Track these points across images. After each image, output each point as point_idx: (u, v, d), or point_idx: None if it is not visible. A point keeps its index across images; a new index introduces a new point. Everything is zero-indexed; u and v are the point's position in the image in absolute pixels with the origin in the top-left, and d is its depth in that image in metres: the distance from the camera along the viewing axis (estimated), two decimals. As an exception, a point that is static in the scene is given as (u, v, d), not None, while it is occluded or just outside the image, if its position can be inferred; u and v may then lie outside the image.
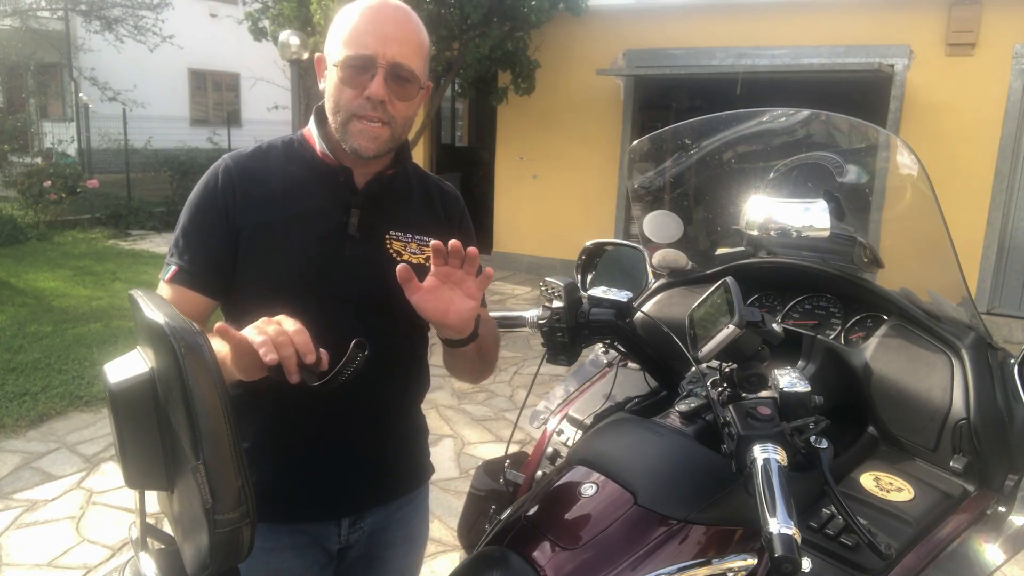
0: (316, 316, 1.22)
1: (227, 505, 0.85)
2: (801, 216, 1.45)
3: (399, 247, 1.34)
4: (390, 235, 1.34)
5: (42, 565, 2.94)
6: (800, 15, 7.30)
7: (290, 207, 1.30)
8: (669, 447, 1.19)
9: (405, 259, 1.32)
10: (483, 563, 1.12)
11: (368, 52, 1.22)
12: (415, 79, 1.27)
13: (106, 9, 13.83)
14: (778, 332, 1.11)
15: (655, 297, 1.86)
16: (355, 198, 1.33)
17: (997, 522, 1.28)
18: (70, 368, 4.97)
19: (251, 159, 1.35)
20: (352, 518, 1.39)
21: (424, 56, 1.30)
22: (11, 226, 9.57)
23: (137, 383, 0.92)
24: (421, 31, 1.30)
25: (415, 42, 1.27)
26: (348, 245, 1.31)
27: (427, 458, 1.53)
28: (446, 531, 3.22)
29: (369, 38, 1.23)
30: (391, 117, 1.26)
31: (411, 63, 1.25)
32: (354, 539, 1.41)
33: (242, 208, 1.29)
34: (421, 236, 1.36)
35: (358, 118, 1.25)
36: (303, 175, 1.33)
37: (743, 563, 1.08)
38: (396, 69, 1.24)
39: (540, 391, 2.35)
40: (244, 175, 1.31)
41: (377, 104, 1.24)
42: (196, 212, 1.30)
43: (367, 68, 1.23)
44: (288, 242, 1.28)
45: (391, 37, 1.23)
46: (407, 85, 1.26)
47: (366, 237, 1.32)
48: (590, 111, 8.47)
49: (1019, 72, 6.57)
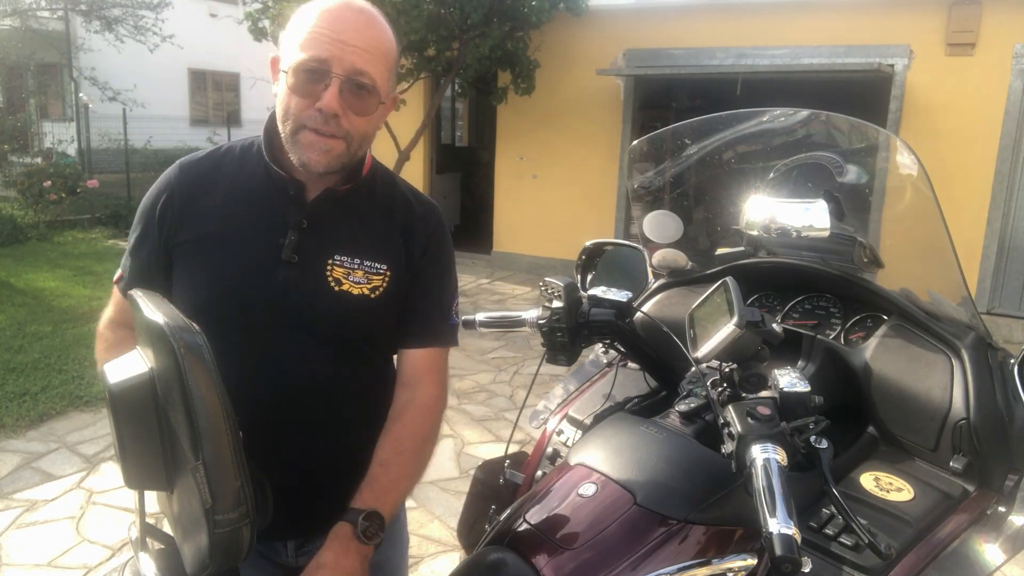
0: (244, 344, 1.19)
1: (227, 505, 0.85)
2: (801, 216, 1.45)
3: (340, 274, 1.22)
4: (333, 260, 1.22)
5: (42, 565, 2.94)
6: (800, 15, 7.30)
7: (228, 223, 1.21)
8: (669, 447, 1.19)
9: (345, 288, 1.22)
10: (483, 563, 1.12)
11: (324, 56, 1.10)
12: (375, 91, 1.14)
13: (106, 9, 13.82)
14: (778, 332, 1.11)
15: (655, 297, 1.85)
16: (300, 217, 1.21)
17: (997, 522, 1.28)
18: (70, 368, 4.97)
19: (200, 166, 1.27)
20: (297, 541, 1.33)
21: (389, 65, 1.17)
22: (11, 226, 9.56)
23: (137, 383, 0.91)
24: (386, 37, 1.17)
25: (379, 50, 1.15)
26: (281, 270, 1.20)
27: None
28: (446, 531, 3.21)
29: (326, 42, 1.10)
30: (346, 132, 1.14)
31: (372, 71, 1.13)
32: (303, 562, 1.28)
33: (179, 222, 1.22)
34: (371, 262, 1.24)
35: (308, 129, 1.13)
36: (252, 187, 1.24)
37: (743, 563, 1.08)
38: (354, 78, 1.11)
39: (540, 391, 2.34)
40: (188, 185, 1.25)
41: (329, 118, 1.12)
42: (138, 219, 1.28)
43: (321, 77, 1.11)
44: (218, 261, 1.20)
45: (350, 43, 1.11)
46: (365, 97, 1.14)
47: (305, 262, 1.21)
48: (590, 111, 8.46)
49: (1019, 72, 6.56)
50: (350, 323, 1.23)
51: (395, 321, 1.29)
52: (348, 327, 1.24)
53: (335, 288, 1.22)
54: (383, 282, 1.25)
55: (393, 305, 1.27)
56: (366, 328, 1.26)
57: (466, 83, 8.73)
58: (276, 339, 1.21)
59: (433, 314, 1.32)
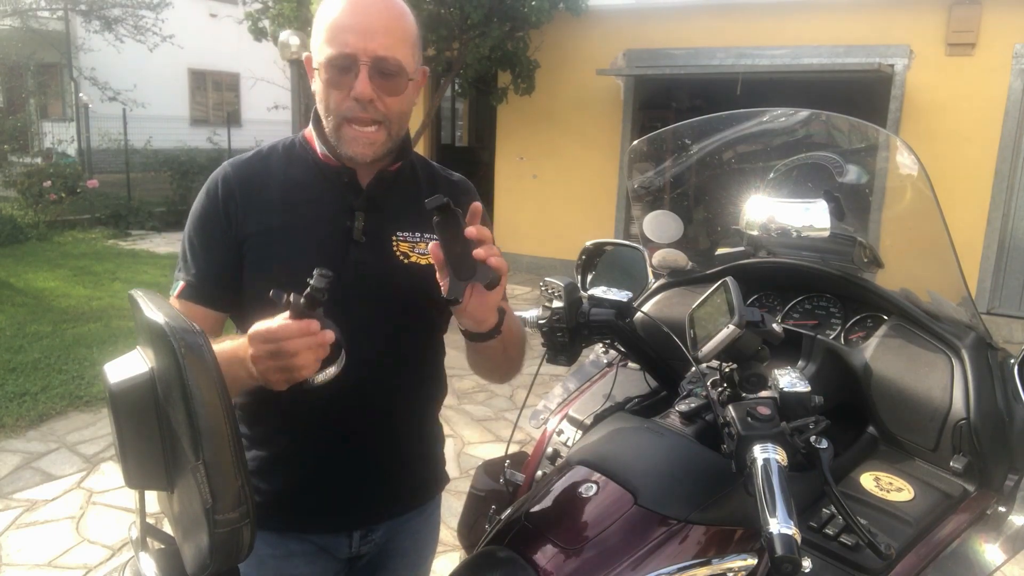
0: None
1: (227, 505, 0.85)
2: (801, 216, 1.45)
3: (407, 248, 1.30)
4: (397, 236, 1.30)
5: (42, 565, 2.94)
6: (800, 15, 7.30)
7: (292, 214, 1.26)
8: (669, 447, 1.19)
9: (413, 260, 1.29)
10: (483, 563, 1.12)
11: (348, 50, 1.16)
12: (403, 71, 1.19)
13: (106, 9, 13.82)
14: (778, 332, 1.11)
15: (655, 297, 1.85)
16: (359, 201, 1.28)
17: (997, 522, 1.28)
18: (70, 368, 4.97)
19: (251, 164, 1.30)
20: (364, 530, 1.37)
21: (412, 43, 1.23)
22: (11, 226, 9.56)
23: (137, 383, 0.92)
24: (405, 17, 1.22)
25: (399, 30, 1.20)
26: (353, 250, 1.26)
27: (442, 468, 1.50)
28: (446, 531, 3.21)
29: (348, 34, 1.16)
30: (383, 115, 1.20)
31: (397, 54, 1.18)
32: (366, 550, 1.39)
33: (243, 216, 1.25)
34: (430, 235, 1.29)
35: (349, 122, 1.20)
36: (305, 179, 1.29)
37: (743, 563, 1.08)
38: (380, 64, 1.17)
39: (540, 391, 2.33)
40: (244, 182, 1.27)
41: (366, 104, 1.18)
42: (199, 224, 1.27)
43: (350, 67, 1.16)
44: (291, 250, 1.25)
45: (371, 29, 1.16)
46: (394, 79, 1.19)
47: (372, 241, 1.27)
48: (590, 111, 8.46)
49: (1019, 72, 6.56)
50: (425, 291, 1.26)
51: None
52: (423, 295, 1.27)
53: (404, 261, 1.29)
54: None
55: None
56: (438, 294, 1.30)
57: (466, 83, 8.73)
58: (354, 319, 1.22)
59: None
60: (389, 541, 1.41)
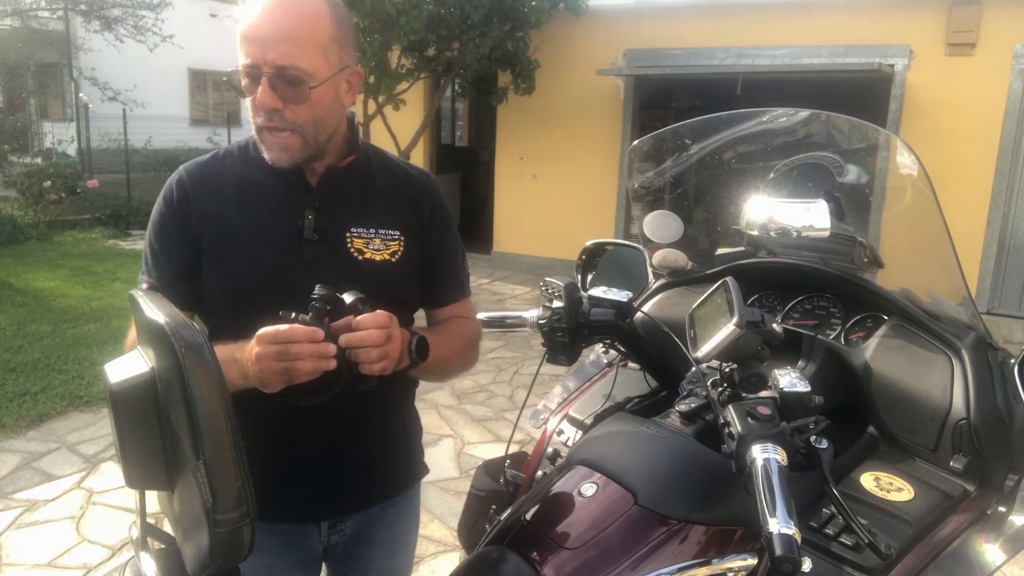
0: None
1: (227, 505, 0.85)
2: (801, 216, 1.45)
3: (361, 244, 1.30)
4: (351, 232, 1.30)
5: (42, 565, 2.94)
6: (800, 15, 7.30)
7: (246, 215, 1.27)
8: (669, 447, 1.19)
9: (368, 256, 1.30)
10: (483, 563, 1.12)
11: (251, 60, 1.15)
12: (303, 80, 1.16)
13: (106, 9, 13.82)
14: (778, 332, 1.11)
15: (655, 297, 1.86)
16: (309, 198, 1.28)
17: (997, 522, 1.28)
18: (70, 368, 4.97)
19: (207, 167, 1.32)
20: (331, 521, 1.38)
21: (320, 44, 1.18)
22: (11, 226, 9.56)
23: (138, 383, 0.92)
24: (315, 20, 1.17)
25: (302, 36, 1.16)
26: (306, 249, 1.27)
27: (418, 458, 1.50)
28: (446, 531, 3.22)
29: (250, 44, 1.15)
30: (292, 123, 1.19)
31: (299, 62, 1.15)
32: (335, 540, 1.40)
33: (199, 219, 1.27)
34: (385, 230, 1.32)
35: (266, 129, 1.20)
36: (258, 179, 1.29)
37: (743, 563, 1.08)
38: (281, 73, 1.15)
39: (540, 391, 2.33)
40: (199, 185, 1.29)
41: (271, 114, 1.17)
42: (158, 228, 1.30)
43: (255, 77, 1.16)
44: (245, 252, 1.26)
45: (272, 38, 1.14)
46: (298, 87, 1.16)
47: (325, 238, 1.28)
48: (590, 111, 8.46)
49: (1019, 72, 6.56)
50: (381, 288, 1.27)
51: (416, 283, 1.38)
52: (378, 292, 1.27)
53: (359, 257, 1.29)
54: (400, 247, 1.33)
55: (414, 267, 1.36)
56: (395, 291, 1.33)
57: (466, 83, 8.73)
58: None
59: (456, 272, 1.46)
60: (362, 532, 1.42)
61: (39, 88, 15.05)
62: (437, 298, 1.44)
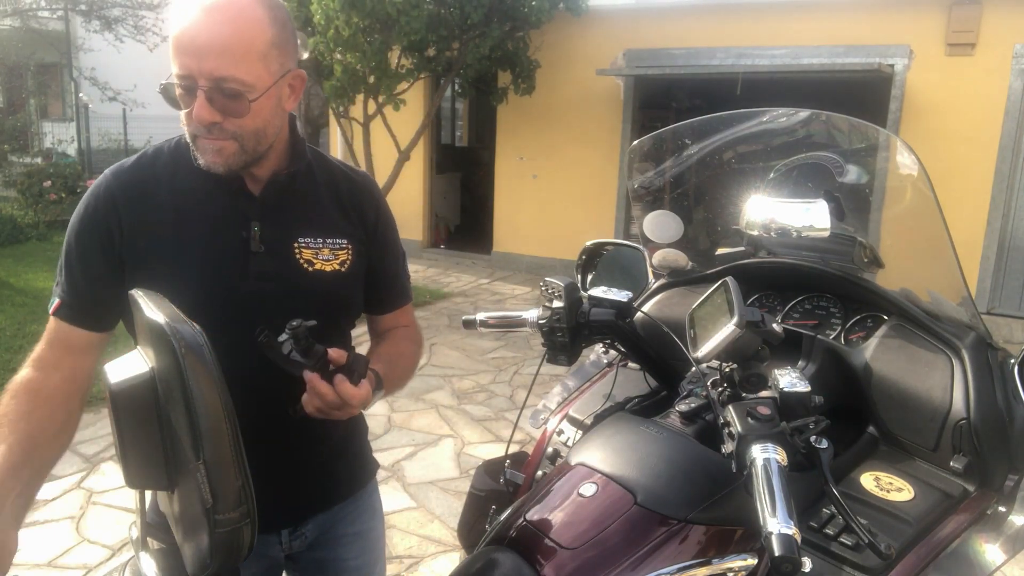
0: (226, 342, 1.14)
1: (228, 505, 0.85)
2: (801, 216, 1.45)
3: (310, 255, 1.24)
4: (299, 243, 1.24)
5: (42, 565, 2.94)
6: (800, 15, 7.30)
7: (183, 226, 1.18)
8: (669, 447, 1.19)
9: (318, 267, 1.24)
10: (483, 563, 1.12)
11: (184, 72, 1.09)
12: (242, 92, 1.09)
13: (106, 9, 13.82)
14: (778, 332, 1.11)
15: (655, 297, 1.86)
16: (253, 208, 1.20)
17: (997, 522, 1.28)
18: (70, 368, 4.97)
19: (136, 172, 1.22)
20: (290, 528, 1.35)
21: (260, 53, 1.11)
22: (11, 226, 9.56)
23: (138, 383, 0.92)
24: (246, 29, 1.09)
25: (239, 47, 1.08)
26: (253, 261, 1.19)
27: (368, 457, 1.49)
28: (446, 531, 3.22)
29: (183, 55, 1.09)
30: (233, 133, 1.13)
31: (237, 72, 1.08)
32: (297, 546, 1.37)
33: (128, 232, 1.17)
34: (333, 239, 1.27)
35: (201, 137, 1.14)
36: (195, 186, 1.20)
37: (743, 563, 1.08)
38: (218, 85, 1.08)
39: (540, 391, 2.34)
40: (128, 193, 1.19)
41: (211, 127, 1.11)
42: (76, 239, 1.19)
43: (190, 89, 1.10)
44: (184, 267, 1.18)
45: (204, 49, 1.07)
46: (237, 100, 1.10)
47: (272, 250, 1.21)
48: (590, 111, 8.46)
49: (1019, 72, 6.56)
50: (331, 299, 1.26)
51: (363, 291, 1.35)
52: (330, 303, 1.27)
53: (309, 268, 1.24)
54: (348, 255, 1.30)
55: (361, 275, 1.33)
56: (345, 301, 1.31)
57: (466, 83, 8.73)
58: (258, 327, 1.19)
59: (400, 277, 1.43)
60: (326, 533, 1.40)
61: (39, 88, 15.05)
62: (382, 305, 1.41)
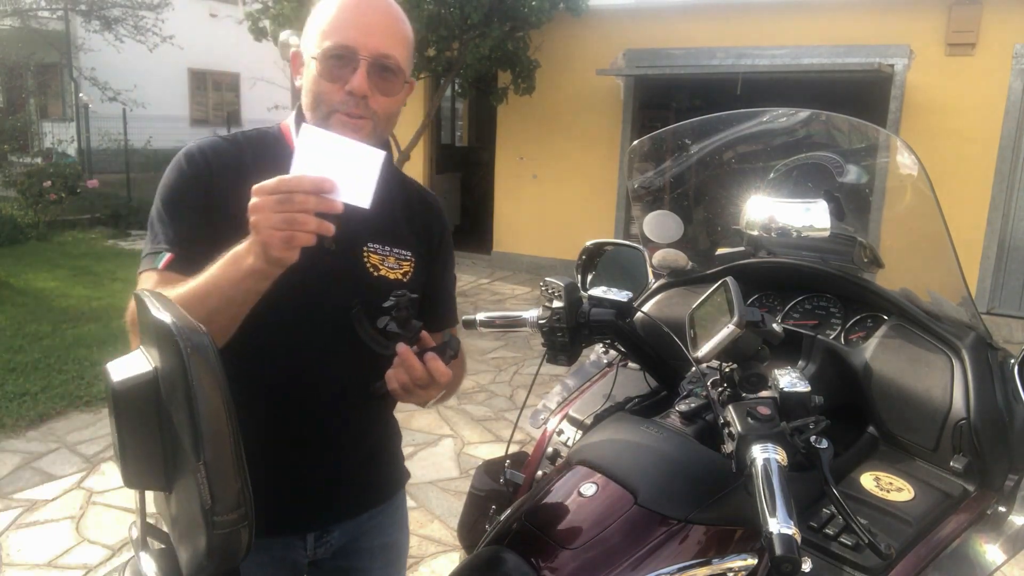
0: (289, 331, 1.21)
1: (227, 506, 0.85)
2: (801, 216, 1.45)
3: (377, 260, 1.27)
4: (368, 247, 1.27)
5: (42, 565, 2.94)
6: (800, 15, 7.30)
7: None
8: (669, 447, 1.19)
9: (382, 274, 1.27)
10: (483, 563, 1.12)
11: (349, 43, 1.14)
12: (400, 72, 1.19)
13: (106, 9, 13.82)
14: (778, 332, 1.11)
15: (655, 297, 1.85)
16: None
17: (997, 522, 1.28)
18: (70, 368, 4.97)
19: (226, 146, 1.23)
20: (317, 532, 1.35)
21: (408, 48, 1.22)
22: (11, 226, 9.56)
23: (140, 382, 0.91)
24: (404, 22, 1.22)
25: (399, 33, 1.20)
26: (323, 258, 1.18)
27: (400, 465, 1.49)
28: (446, 531, 3.22)
29: (350, 28, 1.14)
30: (373, 112, 1.18)
31: (396, 53, 1.17)
32: (321, 553, 1.36)
33: (219, 197, 1.16)
34: (399, 250, 1.30)
35: (340, 112, 1.16)
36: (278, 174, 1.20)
37: (743, 563, 1.08)
38: (381, 61, 1.16)
39: (540, 391, 2.33)
40: (220, 160, 1.20)
41: (359, 100, 1.15)
42: (180, 194, 1.19)
43: (349, 60, 1.14)
44: None
45: (374, 26, 1.16)
46: (392, 78, 1.18)
47: (343, 249, 1.20)
48: (590, 111, 8.46)
49: (1019, 72, 6.56)
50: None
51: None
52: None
53: (374, 273, 1.27)
54: (410, 268, 1.32)
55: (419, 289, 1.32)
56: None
57: (466, 83, 8.73)
58: (321, 327, 1.22)
59: (451, 299, 1.47)
60: (353, 542, 1.39)
61: (39, 88, 15.05)
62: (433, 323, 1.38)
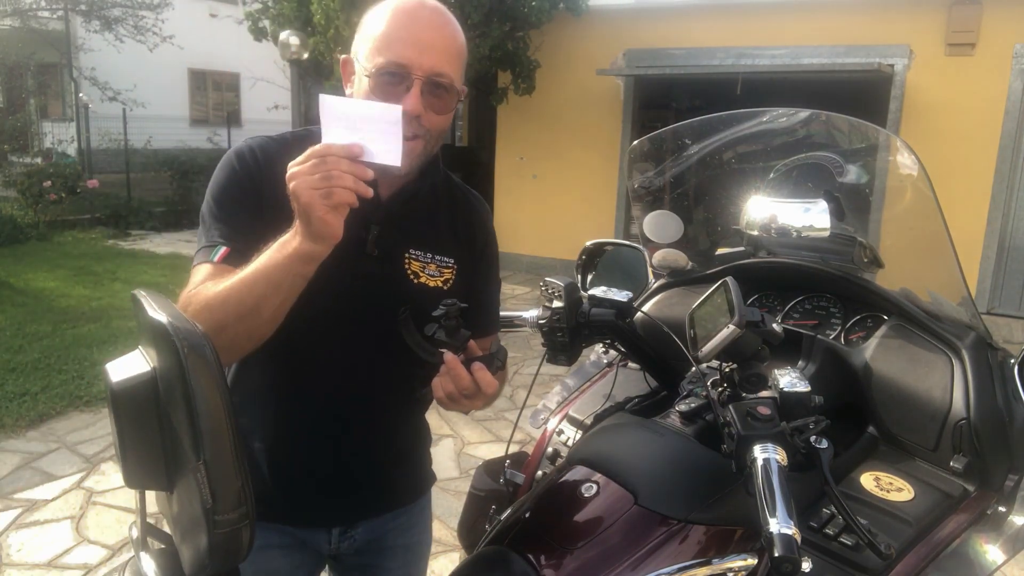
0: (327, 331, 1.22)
1: (227, 505, 0.85)
2: (801, 216, 1.45)
3: (418, 267, 1.26)
4: (410, 254, 1.26)
5: (42, 565, 2.94)
6: (800, 15, 7.30)
7: None
8: (669, 447, 1.19)
9: (423, 281, 1.27)
10: (483, 563, 1.12)
11: (403, 62, 1.11)
12: (453, 90, 1.17)
13: (106, 9, 13.82)
14: (778, 332, 1.11)
15: (655, 297, 1.85)
16: (376, 212, 1.21)
17: (997, 522, 1.28)
18: (70, 368, 4.97)
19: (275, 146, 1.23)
20: (342, 527, 1.37)
21: (462, 60, 1.20)
22: (11, 226, 9.56)
23: (139, 382, 0.91)
24: (459, 34, 1.20)
25: (454, 48, 1.17)
26: (364, 263, 1.21)
27: (428, 467, 1.50)
28: (446, 531, 3.22)
29: (403, 46, 1.12)
30: (426, 131, 1.17)
31: (449, 70, 1.15)
32: (344, 547, 1.38)
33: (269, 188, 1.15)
34: (442, 257, 1.29)
35: None
36: None
37: (743, 563, 1.08)
38: (434, 79, 1.13)
39: (540, 391, 2.34)
40: (267, 159, 1.19)
41: (412, 119, 1.13)
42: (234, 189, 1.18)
43: (402, 79, 1.12)
44: None
45: (428, 44, 1.13)
46: (444, 96, 1.16)
47: (384, 255, 1.23)
48: (590, 111, 8.46)
49: (1019, 72, 6.57)
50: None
51: None
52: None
53: (414, 280, 1.26)
54: (452, 275, 1.31)
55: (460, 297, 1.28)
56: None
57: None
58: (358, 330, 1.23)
59: (494, 307, 1.43)
60: (376, 540, 1.41)
61: (39, 88, 15.04)
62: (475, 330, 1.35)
